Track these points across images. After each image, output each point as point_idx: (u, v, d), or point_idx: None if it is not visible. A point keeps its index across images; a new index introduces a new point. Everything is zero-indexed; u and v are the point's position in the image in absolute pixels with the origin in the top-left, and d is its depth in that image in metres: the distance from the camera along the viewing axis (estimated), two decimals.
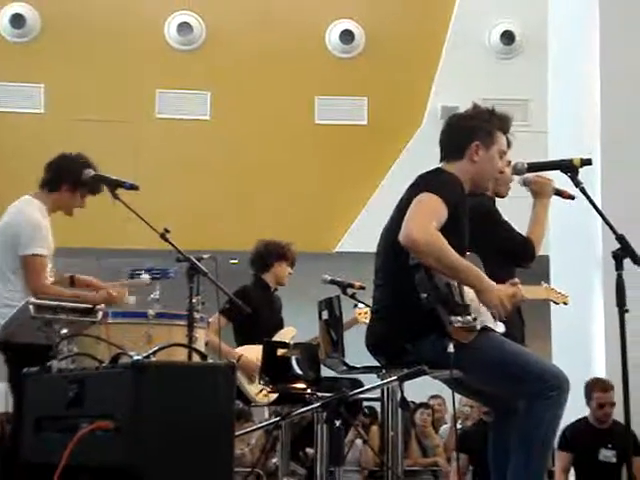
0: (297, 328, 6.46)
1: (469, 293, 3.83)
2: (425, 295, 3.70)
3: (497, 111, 4.16)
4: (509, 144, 4.38)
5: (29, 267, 4.91)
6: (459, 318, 3.73)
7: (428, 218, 3.73)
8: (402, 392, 3.99)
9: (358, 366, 4.25)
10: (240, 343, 6.26)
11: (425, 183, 3.93)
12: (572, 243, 6.85)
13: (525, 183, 4.57)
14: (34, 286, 4.86)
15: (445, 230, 3.75)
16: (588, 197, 3.95)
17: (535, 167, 4.36)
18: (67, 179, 5.12)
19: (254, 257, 6.59)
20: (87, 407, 3.32)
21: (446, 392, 4.59)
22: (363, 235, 10.51)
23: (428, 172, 4.08)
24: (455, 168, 4.02)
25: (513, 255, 4.52)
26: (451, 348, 3.68)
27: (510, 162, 4.49)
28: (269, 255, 6.54)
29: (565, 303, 4.28)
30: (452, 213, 3.81)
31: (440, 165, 4.10)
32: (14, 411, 4.85)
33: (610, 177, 6.52)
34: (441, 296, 3.74)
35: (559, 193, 4.63)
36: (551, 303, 6.60)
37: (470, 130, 4.06)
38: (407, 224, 3.73)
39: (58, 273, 5.17)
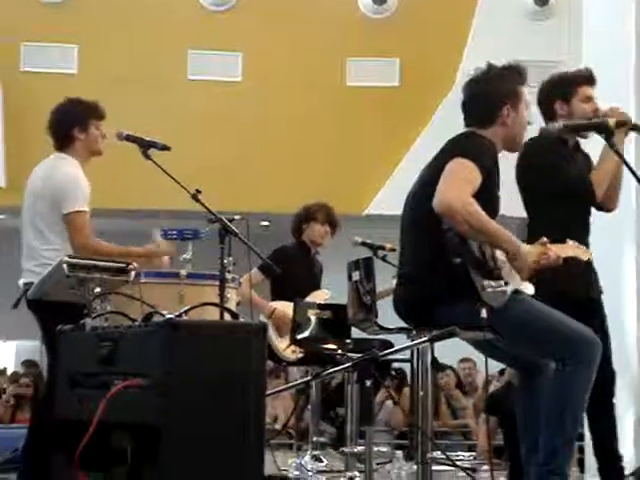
0: (326, 289, 6.50)
1: (499, 255, 3.83)
2: (459, 260, 3.71)
3: (513, 65, 4.14)
4: None
5: (74, 224, 4.84)
6: (492, 283, 3.73)
7: (463, 185, 3.73)
8: (433, 353, 4.00)
9: (390, 327, 4.26)
10: (275, 299, 6.32)
11: (459, 148, 3.90)
12: None
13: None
14: (81, 243, 4.80)
15: (479, 196, 3.74)
16: (622, 158, 3.93)
17: (570, 128, 4.32)
18: (73, 122, 5.04)
19: (291, 224, 6.67)
20: (120, 365, 3.36)
21: (477, 355, 4.59)
22: (393, 198, 10.41)
23: (461, 135, 4.06)
24: (488, 133, 4.01)
25: (572, 193, 4.43)
26: (484, 313, 3.68)
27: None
28: (298, 220, 6.62)
29: (589, 259, 4.25)
30: (485, 179, 3.81)
31: (471, 129, 4.08)
32: (48, 369, 4.90)
33: None
34: (474, 260, 3.74)
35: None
36: None
37: (498, 95, 4.03)
38: (442, 191, 3.72)
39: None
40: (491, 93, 4.05)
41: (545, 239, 3.95)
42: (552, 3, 12.28)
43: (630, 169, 3.88)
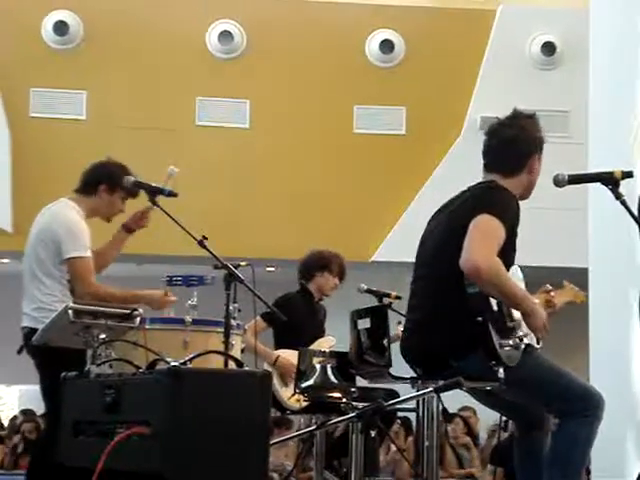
0: (331, 336, 6.46)
1: (514, 312, 3.83)
2: (481, 318, 3.69)
3: (533, 113, 4.13)
4: None
5: (77, 270, 4.87)
6: (510, 342, 3.73)
7: (490, 245, 3.69)
8: (442, 403, 3.96)
9: (404, 377, 4.22)
10: (279, 347, 6.26)
11: (485, 203, 3.85)
12: (613, 257, 6.79)
13: None
14: (85, 288, 4.83)
15: (500, 251, 3.73)
16: (629, 210, 3.91)
17: (575, 179, 4.31)
18: (105, 181, 5.11)
19: (300, 266, 6.58)
20: (124, 412, 3.34)
21: (476, 403, 4.55)
22: (399, 245, 10.48)
23: (485, 187, 3.99)
24: (512, 182, 3.98)
25: None
26: (502, 373, 3.67)
27: None
28: (312, 265, 6.53)
29: (582, 301, 4.21)
30: (508, 234, 3.79)
31: (493, 178, 4.02)
32: (48, 415, 4.87)
33: None
34: (494, 319, 3.73)
35: None
36: (589, 318, 6.55)
37: (530, 142, 4.02)
38: (470, 250, 3.68)
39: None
40: (523, 140, 4.02)
41: (549, 286, 3.93)
42: (559, 53, 12.34)
43: (634, 217, 3.87)
